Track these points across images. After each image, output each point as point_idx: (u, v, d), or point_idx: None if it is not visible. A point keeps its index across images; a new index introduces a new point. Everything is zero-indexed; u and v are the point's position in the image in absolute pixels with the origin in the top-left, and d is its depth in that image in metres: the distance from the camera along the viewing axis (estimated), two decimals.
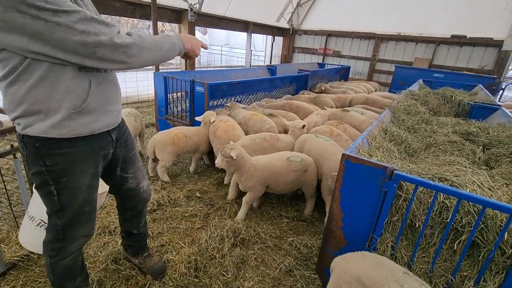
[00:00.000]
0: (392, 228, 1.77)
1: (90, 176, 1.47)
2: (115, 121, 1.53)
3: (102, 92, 1.38)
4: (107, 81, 1.41)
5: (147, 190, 1.99)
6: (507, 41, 7.80)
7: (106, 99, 1.41)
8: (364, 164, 1.75)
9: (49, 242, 1.56)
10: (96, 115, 1.38)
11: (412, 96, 4.36)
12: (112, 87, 1.46)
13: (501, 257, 1.46)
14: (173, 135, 3.54)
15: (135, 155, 1.85)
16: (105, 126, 1.45)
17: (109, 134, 1.52)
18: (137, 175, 1.86)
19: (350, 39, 11.00)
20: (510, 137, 2.78)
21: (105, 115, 1.43)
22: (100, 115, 1.40)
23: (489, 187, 1.76)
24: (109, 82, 1.44)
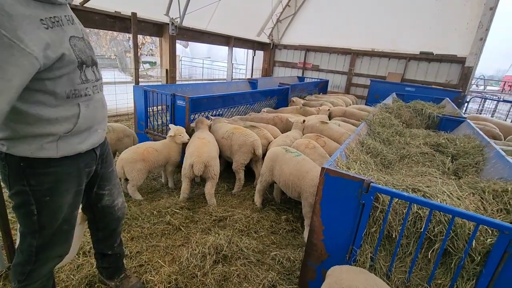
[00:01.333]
0: (370, 239, 1.82)
1: (73, 194, 1.44)
2: (100, 139, 1.54)
3: (91, 113, 1.40)
4: (95, 101, 1.42)
5: (121, 208, 1.91)
6: (469, 58, 8.45)
7: (94, 119, 1.43)
8: (342, 177, 1.81)
9: (19, 264, 1.46)
10: (84, 136, 1.39)
11: (386, 109, 4.58)
12: (100, 106, 1.47)
13: (471, 264, 1.54)
14: (142, 151, 3.46)
15: (113, 172, 1.81)
16: (91, 145, 1.45)
17: (93, 151, 1.52)
18: (113, 192, 1.81)
19: (328, 54, 11.46)
20: (475, 148, 2.99)
21: (93, 134, 1.45)
22: (88, 135, 1.42)
23: (458, 197, 1.87)
24: (97, 102, 1.44)
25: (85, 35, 1.39)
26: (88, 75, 1.36)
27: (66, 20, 1.24)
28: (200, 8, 7.63)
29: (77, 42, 1.27)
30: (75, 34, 1.27)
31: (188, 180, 3.47)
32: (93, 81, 1.40)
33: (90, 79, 1.37)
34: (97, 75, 1.46)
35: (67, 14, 1.25)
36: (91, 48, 1.42)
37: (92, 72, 1.40)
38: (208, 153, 3.41)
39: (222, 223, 3.20)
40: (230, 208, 3.51)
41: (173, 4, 7.06)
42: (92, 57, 1.39)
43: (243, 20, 10.34)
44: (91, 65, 1.38)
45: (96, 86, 1.44)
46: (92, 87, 1.39)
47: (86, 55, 1.33)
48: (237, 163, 3.80)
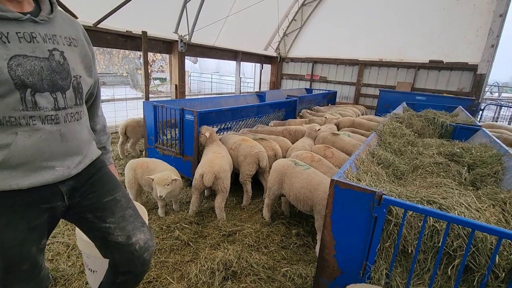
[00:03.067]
0: (385, 255, 1.74)
1: (24, 231, 1.22)
2: (62, 176, 1.27)
3: (36, 146, 1.16)
4: (48, 133, 1.18)
5: (145, 248, 1.48)
6: (481, 65, 8.29)
7: (42, 155, 1.19)
8: (353, 189, 1.75)
9: None
10: (22, 171, 1.17)
11: (397, 119, 4.50)
12: (57, 140, 1.23)
13: (495, 282, 1.44)
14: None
15: (115, 201, 1.49)
16: (40, 182, 1.21)
17: (56, 186, 1.29)
18: (123, 226, 1.45)
19: (335, 65, 11.49)
20: (492, 157, 2.87)
21: (41, 171, 1.21)
22: (31, 171, 1.18)
23: (477, 209, 1.78)
24: (53, 135, 1.20)
25: (60, 57, 1.21)
26: (42, 102, 1.15)
27: (18, 37, 1.09)
28: (208, 25, 7.85)
29: (28, 62, 1.10)
30: (28, 53, 1.10)
31: (198, 193, 3.46)
32: (50, 109, 1.18)
33: (43, 107, 1.15)
34: (68, 102, 1.25)
35: (24, 32, 1.11)
36: (64, 72, 1.22)
37: (53, 99, 1.19)
38: (220, 165, 3.41)
39: (232, 238, 3.14)
40: (240, 222, 3.46)
41: (182, 22, 7.31)
42: (58, 82, 1.20)
43: (250, 35, 10.57)
44: (50, 91, 1.17)
45: (59, 115, 1.21)
46: (47, 116, 1.17)
47: (41, 78, 1.14)
48: (242, 174, 3.78)
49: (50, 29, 1.20)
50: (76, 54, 1.30)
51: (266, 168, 3.81)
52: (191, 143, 4.17)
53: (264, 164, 3.71)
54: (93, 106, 1.61)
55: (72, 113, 1.28)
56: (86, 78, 1.36)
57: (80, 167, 1.36)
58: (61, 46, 1.22)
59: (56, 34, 1.22)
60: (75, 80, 1.27)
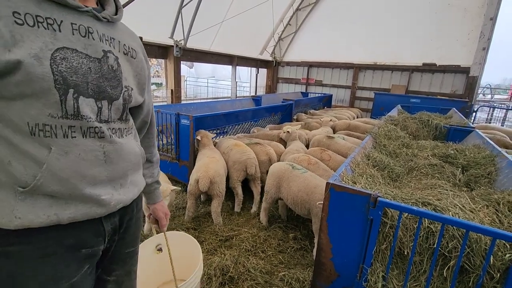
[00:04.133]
0: (381, 257, 1.74)
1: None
2: (110, 207, 1.02)
3: (75, 167, 0.91)
4: (90, 150, 0.94)
5: None
6: (473, 68, 8.43)
7: (83, 178, 0.93)
8: (348, 192, 1.76)
9: None
10: (61, 199, 0.91)
11: (391, 121, 4.54)
12: (100, 161, 0.97)
13: (490, 282, 1.45)
14: None
15: (134, 254, 1.27)
16: (84, 214, 0.95)
17: (100, 222, 1.02)
18: (121, 281, 1.23)
19: (330, 69, 11.59)
20: (486, 158, 2.90)
21: (83, 201, 0.94)
22: (71, 199, 0.92)
23: (471, 210, 1.79)
24: (95, 152, 0.95)
25: (115, 62, 1.01)
26: (85, 109, 0.92)
27: (72, 28, 0.89)
28: (203, 30, 7.89)
29: (76, 59, 0.89)
30: (79, 48, 0.90)
31: (193, 198, 3.44)
32: (93, 120, 0.94)
33: (86, 116, 0.92)
34: (112, 115, 1.01)
35: (81, 24, 0.91)
36: (115, 80, 1.00)
37: (97, 108, 0.96)
38: (215, 169, 3.39)
39: (228, 243, 3.12)
40: (236, 227, 3.44)
41: (177, 27, 7.34)
42: (106, 90, 0.98)
43: (245, 39, 10.63)
44: (96, 98, 0.95)
45: (103, 129, 0.97)
46: (90, 128, 0.93)
47: (86, 80, 0.92)
48: (231, 179, 3.76)
49: (110, 31, 1.03)
50: (131, 67, 1.10)
51: (256, 175, 3.77)
52: (187, 148, 4.16)
53: (251, 171, 3.66)
54: (149, 135, 1.37)
55: (116, 128, 1.03)
56: (136, 94, 1.12)
57: (128, 197, 1.09)
58: (117, 51, 1.03)
59: (116, 38, 1.04)
60: (126, 91, 1.05)
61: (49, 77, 0.84)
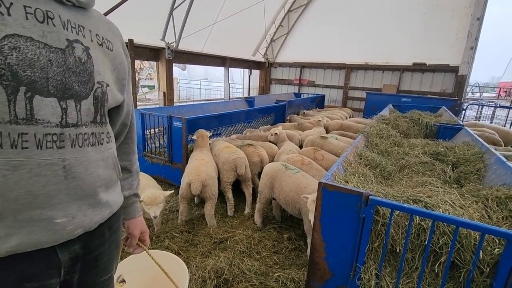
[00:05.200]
0: (374, 255, 1.75)
1: None
2: (65, 234, 0.83)
3: (24, 185, 0.74)
4: (45, 164, 0.76)
5: None
6: (462, 67, 8.59)
7: (33, 199, 0.76)
8: (340, 191, 1.77)
9: None
10: (7, 226, 0.74)
11: (383, 121, 4.58)
12: (58, 177, 0.79)
13: (480, 277, 1.47)
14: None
15: (108, 282, 1.10)
16: (30, 245, 0.77)
17: (54, 251, 0.83)
18: None
19: (322, 69, 11.68)
20: (475, 155, 2.95)
21: (30, 227, 0.76)
22: (19, 226, 0.75)
23: (461, 206, 1.82)
24: (52, 167, 0.78)
25: (83, 53, 0.85)
26: (42, 111, 0.75)
27: (26, 12, 0.74)
28: (195, 32, 7.87)
29: (31, 48, 0.73)
30: (35, 36, 0.75)
31: (185, 202, 3.41)
32: (53, 125, 0.77)
33: (43, 119, 0.76)
34: (82, 117, 0.85)
35: (38, 8, 0.76)
36: (84, 74, 0.84)
37: (61, 110, 0.79)
38: (207, 172, 3.37)
39: (223, 245, 3.11)
40: (231, 229, 3.43)
41: (168, 29, 7.30)
42: (73, 86, 0.81)
43: (237, 41, 10.64)
44: (59, 96, 0.79)
45: (65, 135, 0.80)
46: (46, 136, 0.76)
47: (46, 75, 0.76)
48: (222, 181, 3.70)
49: (79, 18, 0.86)
50: (108, 59, 0.93)
51: (246, 176, 3.75)
52: (180, 150, 4.13)
53: (241, 171, 3.62)
54: (128, 140, 1.18)
55: (87, 133, 0.86)
56: (115, 91, 0.96)
57: (93, 220, 0.90)
58: (87, 41, 0.86)
59: (86, 26, 0.87)
60: (99, 88, 0.88)
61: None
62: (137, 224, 1.22)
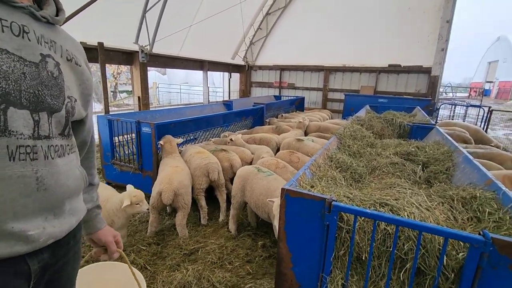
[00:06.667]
0: (340, 264, 1.66)
1: None
2: (35, 244, 0.82)
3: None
4: (17, 177, 0.76)
5: None
6: (434, 68, 8.86)
7: (4, 212, 0.75)
8: (303, 197, 1.67)
9: None
10: None
11: (358, 122, 4.58)
12: (31, 188, 0.79)
13: (445, 283, 1.41)
14: None
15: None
16: (5, 254, 0.76)
17: (23, 260, 0.81)
18: None
19: (302, 72, 11.74)
20: (444, 154, 2.96)
21: (5, 239, 0.76)
22: None
23: (427, 208, 1.77)
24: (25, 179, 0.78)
25: (55, 68, 0.86)
26: (15, 123, 0.76)
27: (2, 25, 0.74)
28: (170, 34, 7.67)
29: (6, 61, 0.74)
30: (10, 49, 0.76)
31: (156, 212, 3.22)
32: (26, 137, 0.78)
33: (16, 131, 0.76)
34: (53, 130, 0.86)
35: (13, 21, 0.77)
36: (56, 88, 0.86)
37: (33, 122, 0.80)
38: (179, 180, 3.20)
39: (193, 257, 2.95)
40: (203, 238, 3.27)
41: (142, 32, 7.06)
42: (46, 99, 0.82)
43: (216, 44, 10.51)
44: (32, 109, 0.79)
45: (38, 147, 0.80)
46: (19, 147, 0.76)
47: (19, 87, 0.76)
48: (194, 188, 3.53)
49: (50, 33, 0.89)
50: (75, 75, 0.96)
51: (219, 182, 3.61)
52: (150, 157, 3.94)
53: (214, 176, 3.48)
54: (90, 154, 1.20)
55: (58, 145, 0.87)
56: (80, 107, 0.98)
57: (63, 229, 0.91)
58: (58, 56, 0.89)
59: (57, 42, 0.90)
60: (69, 102, 0.91)
61: None
62: (106, 232, 1.24)
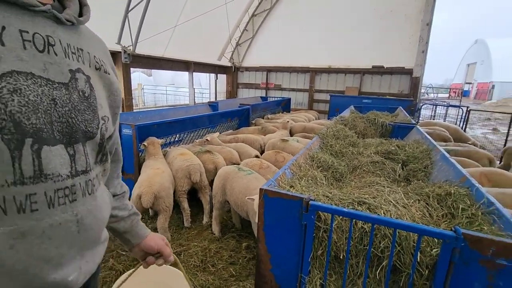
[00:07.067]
0: (319, 264, 1.65)
1: None
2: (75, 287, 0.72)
3: (35, 254, 0.61)
4: (58, 225, 0.64)
5: None
6: (415, 69, 9.10)
7: (46, 263, 0.63)
8: (282, 197, 1.66)
9: None
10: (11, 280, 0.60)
11: (341, 122, 4.63)
12: (72, 233, 0.67)
13: (420, 280, 1.42)
14: None
15: None
16: None
17: None
18: None
19: (288, 73, 11.81)
20: (423, 152, 3.02)
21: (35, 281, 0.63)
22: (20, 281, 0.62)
23: (404, 205, 1.79)
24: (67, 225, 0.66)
25: (86, 85, 0.70)
26: (52, 163, 0.61)
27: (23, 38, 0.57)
28: (154, 35, 7.55)
29: (33, 88, 0.58)
30: (36, 71, 0.59)
31: None
32: (65, 177, 0.64)
33: (54, 173, 0.62)
34: (90, 160, 0.72)
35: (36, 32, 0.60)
36: (90, 112, 0.70)
37: (69, 158, 0.66)
38: (160, 183, 3.12)
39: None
40: (186, 241, 3.21)
41: (125, 32, 6.92)
42: (80, 127, 0.68)
43: (202, 45, 10.42)
44: (66, 142, 0.65)
45: (76, 186, 0.67)
46: (58, 191, 0.63)
47: (50, 119, 0.61)
48: (176, 190, 3.47)
49: (76, 39, 0.70)
50: (104, 87, 0.78)
51: (202, 184, 3.56)
52: (131, 159, 3.84)
53: (196, 178, 3.42)
54: (117, 164, 1.02)
55: (94, 177, 0.74)
56: (111, 124, 0.82)
57: (96, 262, 0.80)
58: (87, 68, 0.71)
59: (84, 48, 0.72)
60: (103, 124, 0.76)
61: None
62: (154, 237, 1.08)
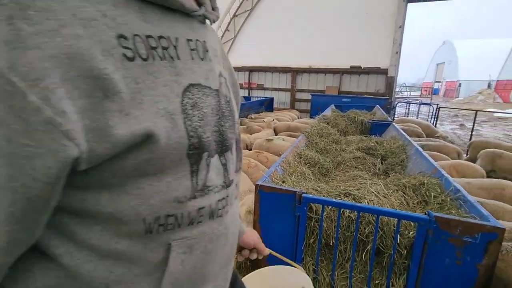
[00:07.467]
0: (311, 251, 1.81)
1: None
2: None
3: (200, 264, 0.58)
4: (216, 237, 0.60)
5: None
6: (390, 69, 9.61)
7: (205, 276, 0.61)
8: (276, 191, 1.80)
9: None
10: None
11: (324, 120, 4.86)
12: (222, 245, 0.63)
13: (400, 259, 1.61)
14: None
15: None
16: None
17: None
18: None
19: (270, 73, 12.02)
20: (399, 147, 3.29)
21: None
22: None
23: (384, 195, 1.99)
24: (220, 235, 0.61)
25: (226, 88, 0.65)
26: (211, 177, 0.57)
27: (190, 48, 0.54)
28: None
29: (204, 100, 0.55)
30: (203, 81, 0.55)
31: None
32: (220, 188, 0.60)
33: (214, 185, 0.58)
34: (236, 168, 0.67)
35: (198, 39, 0.57)
36: (231, 117, 0.64)
37: (222, 168, 0.61)
38: None
39: None
40: None
41: None
42: (227, 135, 0.62)
43: None
44: (219, 151, 0.60)
45: (229, 196, 0.63)
46: (218, 203, 0.59)
47: (211, 129, 0.56)
48: None
49: (209, 36, 0.63)
50: (232, 87, 0.72)
51: None
52: None
53: None
54: None
55: (235, 187, 0.69)
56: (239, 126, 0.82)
57: (229, 277, 0.73)
58: (221, 68, 0.66)
59: (217, 48, 0.66)
60: (238, 128, 0.71)
61: (183, 142, 0.49)
62: (250, 233, 0.98)
